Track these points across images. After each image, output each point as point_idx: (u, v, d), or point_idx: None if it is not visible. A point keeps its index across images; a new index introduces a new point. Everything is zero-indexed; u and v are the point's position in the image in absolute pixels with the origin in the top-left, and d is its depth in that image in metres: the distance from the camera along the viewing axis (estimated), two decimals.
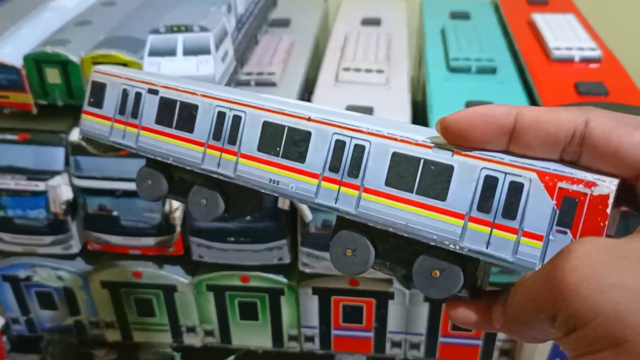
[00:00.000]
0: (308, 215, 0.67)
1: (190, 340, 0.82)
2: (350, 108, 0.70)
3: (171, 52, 0.63)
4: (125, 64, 0.63)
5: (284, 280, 0.75)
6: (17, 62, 0.65)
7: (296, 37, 0.90)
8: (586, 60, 0.76)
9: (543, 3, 0.95)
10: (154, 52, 0.63)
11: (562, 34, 0.81)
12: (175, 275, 0.77)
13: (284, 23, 0.95)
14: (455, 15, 0.95)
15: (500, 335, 0.75)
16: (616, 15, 1.07)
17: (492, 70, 0.78)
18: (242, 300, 0.77)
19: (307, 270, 0.72)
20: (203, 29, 0.63)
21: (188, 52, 0.63)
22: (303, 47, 0.88)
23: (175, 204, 0.69)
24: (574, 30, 0.83)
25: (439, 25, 0.93)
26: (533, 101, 0.72)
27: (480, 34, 0.88)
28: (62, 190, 0.71)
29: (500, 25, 0.92)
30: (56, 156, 0.71)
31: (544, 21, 0.86)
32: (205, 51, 0.63)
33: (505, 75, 0.78)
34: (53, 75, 0.66)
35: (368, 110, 0.70)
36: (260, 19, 0.86)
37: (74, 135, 0.70)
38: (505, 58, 0.82)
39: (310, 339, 0.79)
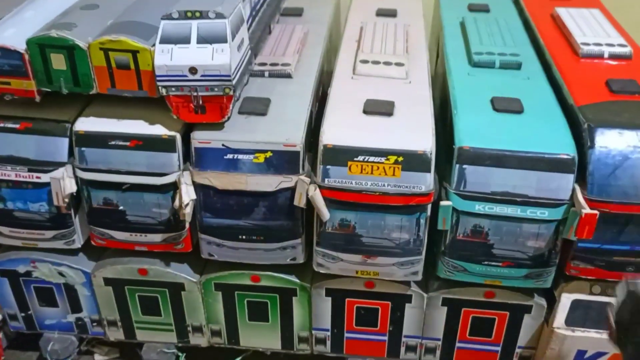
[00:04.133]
0: (326, 213, 0.64)
1: (196, 340, 0.79)
2: (370, 102, 0.67)
3: (184, 40, 0.60)
4: (136, 51, 0.60)
5: (297, 280, 0.72)
6: (20, 46, 0.62)
7: (310, 27, 0.86)
8: (616, 57, 0.73)
9: None
10: (166, 39, 0.60)
11: (589, 29, 0.78)
12: (182, 273, 0.73)
13: (296, 12, 0.91)
14: (473, 8, 0.92)
15: (521, 341, 0.72)
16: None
17: (517, 66, 0.74)
18: (252, 301, 0.74)
19: (322, 271, 0.69)
20: (219, 15, 0.59)
21: (203, 39, 0.59)
22: (317, 37, 0.85)
23: (186, 198, 0.65)
24: (601, 25, 0.80)
25: (457, 18, 0.89)
26: (561, 98, 0.69)
27: (501, 28, 0.84)
28: (65, 182, 0.67)
29: (521, 18, 0.89)
30: (60, 147, 0.67)
31: (569, 16, 0.82)
32: (221, 39, 0.59)
33: (530, 71, 0.74)
34: (58, 61, 0.62)
35: (389, 105, 0.67)
36: (274, 7, 0.82)
37: (79, 125, 0.66)
38: (529, 53, 0.79)
39: (321, 341, 0.76)
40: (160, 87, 0.60)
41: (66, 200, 0.68)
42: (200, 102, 0.61)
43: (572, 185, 0.60)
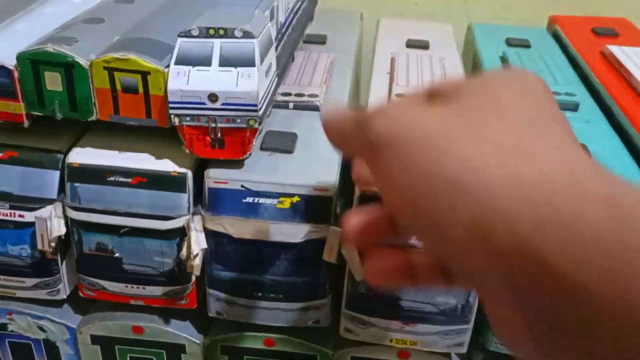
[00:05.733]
0: (361, 271, 0.54)
1: None
2: None
3: (205, 61, 0.51)
4: (146, 72, 0.50)
5: (317, 346, 0.61)
6: (9, 61, 0.52)
7: (335, 55, 0.78)
8: None
9: (613, 35, 0.84)
10: (183, 60, 0.51)
11: None
12: (184, 333, 0.63)
13: (320, 40, 0.83)
14: (513, 43, 0.84)
15: None
16: None
17: (575, 107, 0.66)
18: None
19: (350, 337, 0.59)
20: (247, 34, 0.51)
21: (226, 61, 0.50)
22: (344, 67, 0.76)
23: (196, 248, 0.55)
24: None
25: (497, 53, 0.81)
26: (628, 142, 0.60)
27: (549, 65, 0.76)
28: (53, 223, 0.57)
29: (566, 56, 0.81)
30: (49, 181, 0.57)
31: (624, 54, 0.74)
32: (248, 62, 0.50)
33: (588, 112, 0.66)
34: (53, 81, 0.52)
35: None
36: (299, 32, 0.74)
37: (73, 157, 0.56)
38: (583, 93, 0.70)
39: None
40: (172, 116, 0.51)
41: (52, 244, 0.58)
42: (219, 134, 0.52)
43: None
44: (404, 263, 0.34)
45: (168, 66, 0.51)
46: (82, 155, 0.56)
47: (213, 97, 0.50)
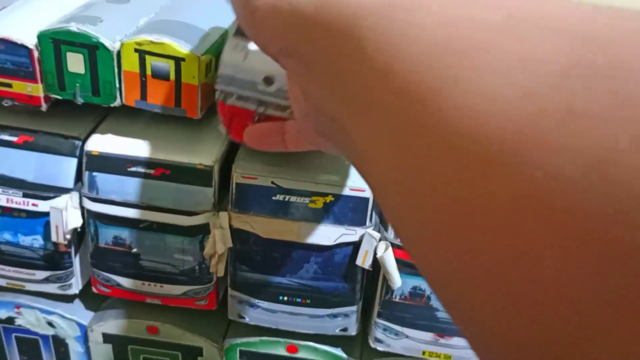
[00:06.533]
0: (397, 279, 0.50)
1: None
2: None
3: None
4: (181, 59, 0.47)
5: (344, 355, 0.58)
6: (29, 40, 0.49)
7: None
8: None
9: None
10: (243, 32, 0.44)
11: None
12: (202, 335, 0.59)
13: None
14: None
15: None
16: None
17: None
18: None
19: (380, 348, 0.55)
20: None
21: None
22: None
23: (220, 246, 0.52)
24: None
25: None
26: None
27: None
28: (68, 214, 0.53)
29: None
30: (66, 169, 0.54)
31: None
32: None
33: None
34: (75, 62, 0.49)
35: None
36: None
37: (92, 144, 0.53)
38: None
39: None
40: (218, 91, 0.45)
41: (67, 236, 0.54)
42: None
43: None
44: (278, 129, 0.41)
45: (204, 53, 0.48)
46: (102, 143, 0.53)
47: (269, 80, 0.43)
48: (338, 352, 0.58)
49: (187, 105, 0.49)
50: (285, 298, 0.55)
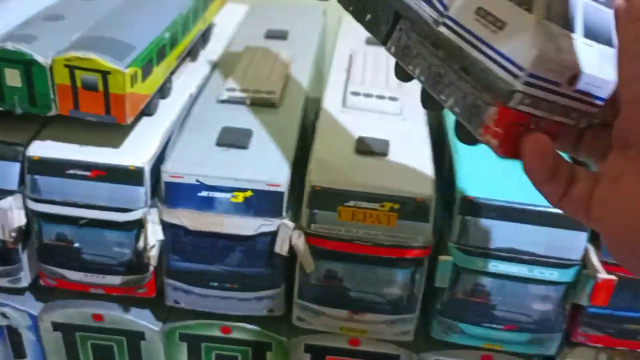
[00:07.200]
0: (311, 263, 0.56)
1: None
2: (363, 140, 0.60)
3: (569, 23, 0.33)
4: (107, 72, 0.52)
5: (272, 334, 0.64)
6: None
7: (295, 52, 0.80)
8: None
9: None
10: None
11: None
12: (143, 320, 0.65)
13: (281, 35, 0.85)
14: None
15: None
16: None
17: None
18: (221, 354, 0.66)
19: (302, 326, 0.62)
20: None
21: (590, 32, 0.33)
22: (304, 63, 0.79)
23: (152, 239, 0.57)
24: None
25: None
26: None
27: None
28: (13, 214, 0.58)
29: None
30: (9, 173, 0.59)
31: None
32: (608, 40, 0.33)
33: None
34: (13, 77, 0.54)
35: (384, 144, 0.60)
36: None
37: (33, 150, 0.58)
38: None
39: None
40: (515, 92, 0.31)
41: (13, 234, 0.59)
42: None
43: (585, 245, 0.55)
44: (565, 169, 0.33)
45: (128, 66, 0.53)
46: (42, 148, 0.58)
47: (573, 79, 0.32)
48: (267, 331, 0.64)
49: (116, 112, 0.54)
50: (216, 284, 0.61)
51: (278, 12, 0.94)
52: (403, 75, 0.40)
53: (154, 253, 0.58)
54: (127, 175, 0.57)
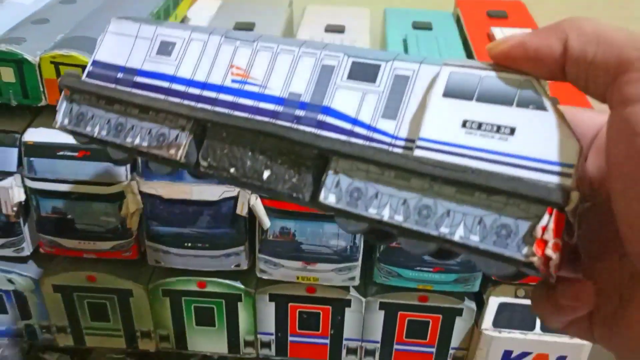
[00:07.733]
0: (266, 222, 0.67)
1: (145, 345, 0.81)
2: None
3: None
4: (85, 66, 0.62)
5: (241, 286, 0.75)
6: None
7: None
8: None
9: (502, 17, 0.97)
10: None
11: None
12: (130, 280, 0.75)
13: (248, 27, 0.94)
14: (417, 26, 0.96)
15: (454, 343, 0.76)
16: None
17: None
18: (199, 306, 0.77)
19: (265, 277, 0.72)
20: None
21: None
22: None
23: (133, 207, 0.68)
24: None
25: (401, 35, 0.93)
26: None
27: (441, 46, 0.89)
28: (14, 191, 0.69)
29: (462, 37, 0.94)
30: (9, 157, 0.69)
31: (502, 35, 0.87)
32: None
33: None
34: (7, 74, 0.64)
35: None
36: None
37: (28, 136, 0.68)
38: None
39: (266, 345, 0.79)
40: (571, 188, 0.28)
41: (14, 209, 0.70)
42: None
43: None
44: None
45: None
46: (35, 135, 0.68)
47: None
48: (237, 284, 0.75)
49: None
50: (189, 244, 0.71)
51: (248, 5, 1.03)
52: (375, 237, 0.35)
53: (134, 219, 0.68)
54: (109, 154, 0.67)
